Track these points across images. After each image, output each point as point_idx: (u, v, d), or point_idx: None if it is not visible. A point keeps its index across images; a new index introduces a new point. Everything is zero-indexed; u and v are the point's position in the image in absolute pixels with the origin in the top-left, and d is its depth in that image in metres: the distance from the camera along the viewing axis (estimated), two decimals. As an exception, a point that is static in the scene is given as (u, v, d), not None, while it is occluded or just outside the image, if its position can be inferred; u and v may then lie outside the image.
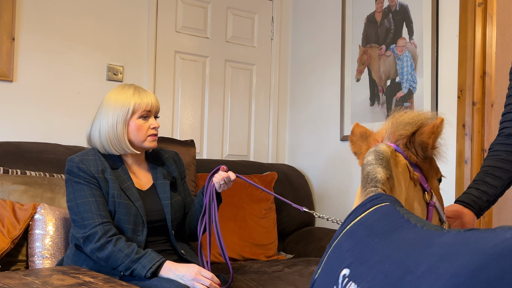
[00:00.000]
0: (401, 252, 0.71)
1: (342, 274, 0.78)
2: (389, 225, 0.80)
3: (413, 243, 0.72)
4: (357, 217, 0.87)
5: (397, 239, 0.75)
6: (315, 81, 3.45)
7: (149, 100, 1.87)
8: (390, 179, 0.99)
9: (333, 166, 3.26)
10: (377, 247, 0.77)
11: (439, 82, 2.63)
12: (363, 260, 0.77)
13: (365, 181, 0.99)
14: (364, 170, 1.01)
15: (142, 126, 1.86)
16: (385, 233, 0.78)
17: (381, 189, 0.95)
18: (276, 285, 2.11)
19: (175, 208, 1.93)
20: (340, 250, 0.84)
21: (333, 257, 0.85)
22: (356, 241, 0.82)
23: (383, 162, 1.01)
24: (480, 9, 2.50)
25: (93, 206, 1.76)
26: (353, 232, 0.85)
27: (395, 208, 0.84)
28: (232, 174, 1.84)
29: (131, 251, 1.71)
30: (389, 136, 1.15)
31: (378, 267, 0.72)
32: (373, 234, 0.80)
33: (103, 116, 1.86)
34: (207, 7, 3.34)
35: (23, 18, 2.69)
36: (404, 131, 1.12)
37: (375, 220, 0.83)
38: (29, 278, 1.49)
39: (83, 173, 1.80)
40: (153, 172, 1.96)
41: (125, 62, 3.01)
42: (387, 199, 0.88)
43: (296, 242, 3.00)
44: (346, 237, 0.86)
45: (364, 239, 0.81)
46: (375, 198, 0.89)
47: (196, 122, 3.30)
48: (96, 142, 1.87)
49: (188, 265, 1.72)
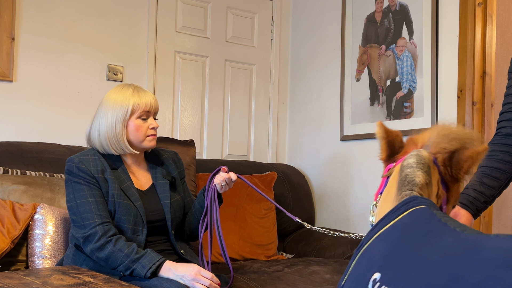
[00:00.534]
0: (443, 257, 0.66)
1: (373, 278, 0.73)
2: (425, 228, 0.75)
3: (456, 248, 0.67)
4: (391, 221, 0.82)
5: (435, 243, 0.70)
6: (315, 81, 3.45)
7: (148, 100, 1.86)
8: (428, 185, 0.94)
9: (333, 166, 3.26)
10: (412, 250, 0.72)
11: (439, 82, 2.63)
12: (396, 263, 0.72)
13: (402, 183, 0.94)
14: (402, 172, 0.96)
15: (141, 126, 1.86)
16: (420, 237, 0.74)
17: (417, 192, 0.90)
18: (276, 285, 2.11)
19: (174, 208, 1.93)
20: (370, 254, 0.80)
21: (363, 262, 0.81)
22: (387, 244, 0.78)
23: (425, 167, 0.96)
24: (480, 9, 2.50)
25: (93, 206, 1.76)
26: (385, 236, 0.81)
27: (431, 211, 0.79)
28: (233, 174, 1.84)
29: (131, 251, 1.71)
30: (431, 146, 1.09)
31: (416, 272, 0.68)
32: (406, 237, 0.76)
33: (102, 116, 1.86)
34: (207, 7, 3.34)
35: (23, 18, 2.69)
36: (449, 145, 1.06)
37: (409, 223, 0.79)
38: (29, 278, 1.49)
39: (82, 173, 1.79)
40: (153, 172, 1.96)
41: (125, 62, 3.01)
42: (422, 202, 0.83)
43: (296, 242, 3.00)
44: (377, 241, 0.81)
45: (397, 242, 0.76)
46: (410, 201, 0.84)
47: (196, 122, 3.30)
48: (96, 142, 1.87)
49: (188, 265, 1.72)
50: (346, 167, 3.16)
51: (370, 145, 3.01)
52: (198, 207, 1.94)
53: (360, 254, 0.84)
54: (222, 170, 1.85)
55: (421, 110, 2.70)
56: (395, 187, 0.96)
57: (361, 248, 0.84)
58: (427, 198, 0.86)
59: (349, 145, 3.15)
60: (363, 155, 3.05)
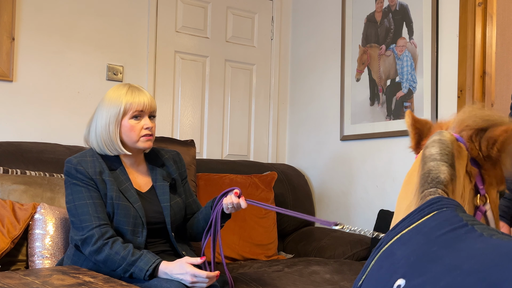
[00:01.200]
0: (475, 264, 0.64)
1: (397, 284, 0.71)
2: (451, 233, 0.72)
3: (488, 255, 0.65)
4: (413, 223, 0.79)
5: (464, 249, 0.68)
6: (315, 81, 3.45)
7: (141, 100, 1.81)
8: (453, 180, 0.89)
9: (333, 166, 3.26)
10: (439, 257, 0.70)
11: (439, 82, 2.63)
12: (422, 270, 0.70)
13: (425, 179, 0.88)
14: (425, 165, 0.90)
15: (134, 126, 1.81)
16: (446, 242, 0.71)
17: (442, 190, 0.85)
18: (276, 285, 2.11)
19: (174, 210, 1.91)
20: (393, 258, 0.77)
21: (384, 265, 0.78)
22: (411, 249, 0.75)
23: (449, 158, 0.90)
24: (480, 9, 2.50)
25: (91, 209, 1.74)
26: (408, 239, 0.78)
27: (457, 214, 0.76)
28: (243, 202, 1.77)
29: (127, 253, 1.69)
30: (455, 125, 1.03)
31: (447, 279, 0.65)
32: (431, 242, 0.73)
33: (99, 115, 1.84)
34: (207, 7, 3.34)
35: (23, 18, 2.69)
36: (473, 123, 1.00)
37: (434, 227, 0.76)
38: (29, 278, 1.49)
39: (80, 175, 1.78)
40: (152, 173, 1.94)
41: (125, 62, 3.01)
42: (448, 204, 0.79)
43: (296, 242, 3.00)
44: (399, 244, 0.78)
45: (421, 248, 0.74)
46: (435, 203, 0.80)
47: (196, 122, 3.30)
48: (93, 142, 1.85)
49: (180, 267, 1.68)
50: (346, 167, 3.16)
51: (370, 145, 3.01)
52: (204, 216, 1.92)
53: (380, 254, 0.81)
54: (234, 193, 1.78)
55: (421, 110, 2.70)
56: (417, 179, 0.90)
57: (380, 248, 0.82)
58: (453, 199, 0.82)
59: (349, 145, 3.15)
60: (363, 155, 3.05)
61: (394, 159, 2.85)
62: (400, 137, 2.81)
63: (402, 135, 2.79)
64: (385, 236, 0.83)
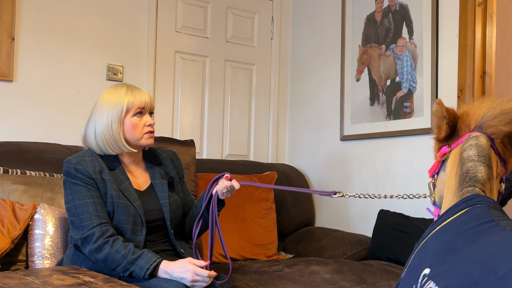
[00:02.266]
0: (484, 254, 0.69)
1: (423, 273, 0.77)
2: (477, 227, 0.77)
3: (497, 245, 0.70)
4: (449, 218, 0.84)
5: (483, 242, 0.73)
6: (315, 81, 3.45)
7: (142, 98, 1.86)
8: (491, 179, 0.92)
9: (333, 166, 3.26)
10: (461, 248, 0.75)
11: (439, 82, 2.63)
12: (444, 260, 0.76)
13: (463, 179, 0.91)
14: (463, 165, 0.93)
15: (137, 124, 1.85)
16: (471, 236, 0.76)
17: (479, 189, 0.88)
18: (276, 285, 2.11)
19: (173, 207, 1.93)
20: (424, 250, 0.83)
21: (417, 257, 0.84)
22: (441, 242, 0.80)
23: (486, 160, 0.93)
24: (480, 9, 2.50)
25: (91, 207, 1.75)
26: (441, 232, 0.83)
27: (488, 210, 0.80)
28: (236, 183, 1.81)
29: (128, 252, 1.70)
30: (484, 126, 1.02)
31: (458, 267, 0.71)
32: (459, 236, 0.78)
33: (98, 117, 1.86)
34: (207, 7, 3.34)
35: (23, 18, 2.69)
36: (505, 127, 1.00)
37: (464, 222, 0.80)
38: (29, 278, 1.49)
39: (80, 174, 1.79)
40: (151, 172, 1.96)
41: (125, 62, 3.01)
42: (483, 201, 0.83)
43: (296, 242, 3.00)
44: (433, 238, 0.84)
45: (449, 240, 0.79)
46: (470, 199, 0.84)
47: (196, 122, 3.30)
48: (92, 143, 1.87)
49: (182, 265, 1.69)
50: (346, 167, 3.16)
51: (370, 145, 3.01)
52: (198, 212, 1.94)
53: (419, 248, 0.86)
54: (225, 178, 1.82)
55: (421, 110, 2.70)
56: (455, 180, 0.93)
57: (420, 242, 0.87)
58: (488, 197, 0.85)
59: (349, 145, 3.15)
60: (363, 155, 3.05)
61: (394, 159, 2.85)
62: (400, 137, 2.81)
63: (402, 135, 2.79)
64: (426, 230, 0.88)
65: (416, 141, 2.74)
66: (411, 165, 2.75)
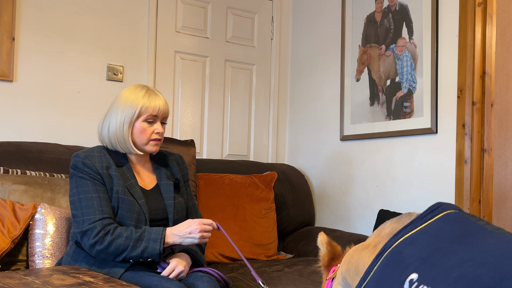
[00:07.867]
0: (488, 257, 0.68)
1: (409, 278, 0.75)
2: (462, 231, 0.76)
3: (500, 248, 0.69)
4: (417, 227, 0.84)
5: (477, 245, 0.72)
6: (315, 81, 3.45)
7: (157, 104, 1.87)
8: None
9: (333, 166, 3.26)
10: (452, 251, 0.73)
11: (439, 82, 2.63)
12: (434, 263, 0.74)
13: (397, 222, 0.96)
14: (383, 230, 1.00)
15: (146, 129, 1.87)
16: (458, 238, 0.75)
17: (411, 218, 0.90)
18: (276, 285, 2.11)
19: (177, 209, 1.94)
20: (400, 256, 0.81)
21: (391, 264, 0.82)
22: (421, 246, 0.79)
23: None
24: (480, 9, 2.50)
25: (96, 202, 1.77)
26: (414, 239, 0.82)
27: (464, 215, 0.81)
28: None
29: (130, 232, 1.74)
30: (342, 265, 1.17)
31: (460, 271, 0.69)
32: (442, 239, 0.77)
33: (113, 113, 1.88)
34: (207, 7, 3.34)
35: (23, 18, 2.69)
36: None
37: (443, 227, 0.80)
38: (29, 278, 1.49)
39: (88, 168, 1.81)
40: (157, 172, 1.98)
41: (125, 62, 3.01)
42: (452, 207, 0.84)
43: (296, 242, 3.00)
44: (405, 244, 0.82)
45: (432, 244, 0.78)
46: (435, 208, 0.85)
47: (196, 122, 3.31)
48: (105, 138, 1.90)
49: (186, 222, 1.79)
50: (346, 167, 3.16)
51: (370, 145, 3.01)
52: None
53: (384, 258, 0.84)
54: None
55: (421, 110, 2.70)
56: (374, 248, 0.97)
57: (382, 254, 0.85)
58: (453, 204, 0.86)
59: (349, 145, 3.15)
60: (363, 155, 3.05)
61: (394, 159, 2.86)
62: (400, 137, 2.81)
63: (402, 135, 2.79)
64: (386, 242, 0.86)
65: (416, 141, 2.74)
66: (411, 165, 2.75)
